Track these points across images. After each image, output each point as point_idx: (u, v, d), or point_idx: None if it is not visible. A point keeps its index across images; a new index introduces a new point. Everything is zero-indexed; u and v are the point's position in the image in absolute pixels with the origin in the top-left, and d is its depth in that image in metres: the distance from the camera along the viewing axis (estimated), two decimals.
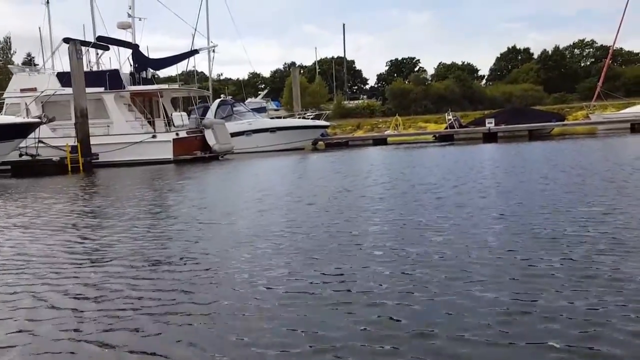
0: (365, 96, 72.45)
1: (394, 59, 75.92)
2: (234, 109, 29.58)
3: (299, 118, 30.89)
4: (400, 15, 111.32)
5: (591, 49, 68.52)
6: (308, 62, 73.97)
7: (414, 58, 75.45)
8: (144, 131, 23.68)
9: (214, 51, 28.81)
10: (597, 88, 34.11)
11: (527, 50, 71.58)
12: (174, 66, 26.99)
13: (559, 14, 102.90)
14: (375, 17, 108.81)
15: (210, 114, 28.58)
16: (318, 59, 68.55)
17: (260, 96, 56.72)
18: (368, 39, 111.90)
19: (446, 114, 33.51)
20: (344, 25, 60.67)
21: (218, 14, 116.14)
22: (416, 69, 73.42)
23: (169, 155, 23.05)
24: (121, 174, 19.41)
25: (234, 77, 69.67)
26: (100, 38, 25.34)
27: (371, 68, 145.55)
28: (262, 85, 66.13)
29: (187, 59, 25.72)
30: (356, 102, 61.05)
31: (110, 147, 23.00)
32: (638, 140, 21.68)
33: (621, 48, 60.12)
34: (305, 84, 56.14)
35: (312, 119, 30.67)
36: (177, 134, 23.37)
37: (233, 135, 27.72)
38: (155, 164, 22.31)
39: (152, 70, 26.01)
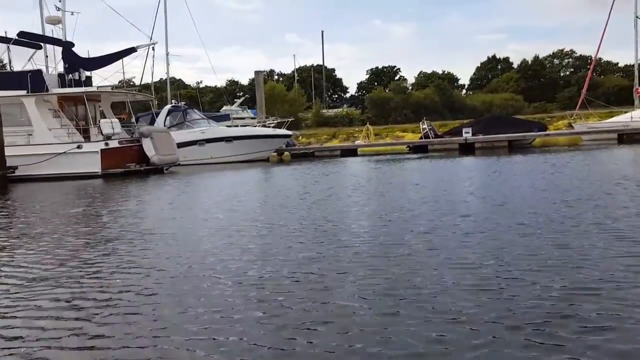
0: (346, 105, 68.66)
1: (374, 67, 72.27)
2: (187, 115, 25.42)
3: (259, 126, 26.78)
4: (382, 25, 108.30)
5: (570, 59, 65.46)
6: (289, 71, 70.07)
7: (394, 67, 71.92)
8: (70, 140, 19.44)
9: (153, 49, 24.87)
10: (582, 96, 30.46)
11: (506, 59, 68.42)
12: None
13: (538, 25, 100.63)
14: (358, 28, 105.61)
15: (159, 121, 24.55)
16: (297, 66, 64.62)
17: (236, 104, 52.89)
18: (350, 49, 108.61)
19: (421, 122, 29.57)
20: (322, 32, 57.30)
21: (192, 24, 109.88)
22: (396, 77, 69.76)
23: (97, 168, 18.82)
24: (36, 191, 15.67)
25: (213, 85, 65.53)
26: (22, 34, 21.05)
27: (352, 77, 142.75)
28: (240, 93, 62.19)
29: (122, 58, 21.50)
30: (335, 110, 57.26)
31: (31, 159, 18.80)
32: (633, 155, 17.77)
33: (600, 58, 57.11)
34: (283, 92, 52.34)
35: (273, 127, 26.61)
36: (106, 144, 19.12)
37: (184, 144, 23.68)
38: (80, 179, 18.24)
39: (86, 72, 21.73)
